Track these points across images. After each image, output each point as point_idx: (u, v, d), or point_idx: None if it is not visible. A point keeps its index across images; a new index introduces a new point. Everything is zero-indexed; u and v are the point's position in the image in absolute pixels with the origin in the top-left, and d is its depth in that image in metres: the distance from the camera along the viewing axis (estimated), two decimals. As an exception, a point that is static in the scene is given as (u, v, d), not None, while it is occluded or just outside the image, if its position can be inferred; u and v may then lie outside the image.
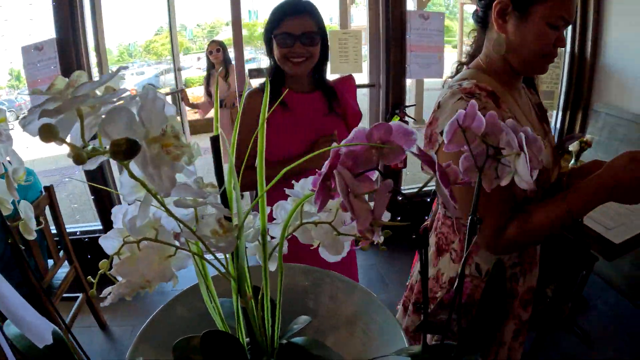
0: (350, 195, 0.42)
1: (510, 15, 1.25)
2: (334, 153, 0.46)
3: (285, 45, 1.76)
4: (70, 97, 0.37)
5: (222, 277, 0.62)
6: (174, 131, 0.42)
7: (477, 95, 1.20)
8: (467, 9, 19.06)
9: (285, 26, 1.76)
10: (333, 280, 0.86)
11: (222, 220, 0.52)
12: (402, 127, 0.47)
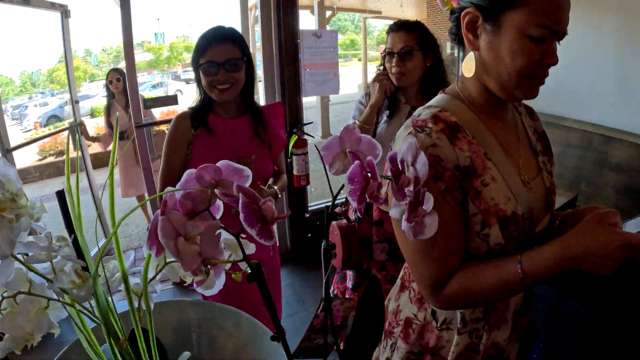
0: (178, 240, 0.45)
1: (482, 28, 1.03)
2: (162, 201, 0.49)
3: (209, 73, 1.79)
4: None
5: (93, 321, 0.63)
6: (9, 196, 0.43)
7: (427, 130, 1.01)
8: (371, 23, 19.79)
9: (209, 54, 1.79)
10: (218, 311, 0.88)
11: (78, 270, 0.54)
12: (232, 166, 0.51)
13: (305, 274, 3.72)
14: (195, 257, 0.45)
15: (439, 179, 0.98)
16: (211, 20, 79.16)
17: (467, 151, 1.02)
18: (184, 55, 34.65)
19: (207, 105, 1.92)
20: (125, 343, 0.63)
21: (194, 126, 1.88)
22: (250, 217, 0.47)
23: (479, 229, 1.04)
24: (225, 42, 1.81)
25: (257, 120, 1.99)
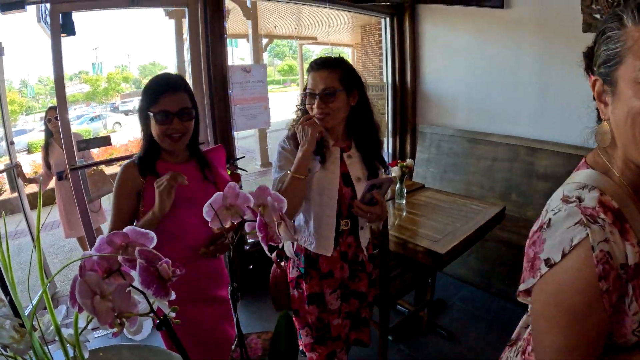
0: (95, 298, 0.52)
1: (607, 94, 0.90)
2: (80, 265, 0.56)
3: (164, 122, 1.76)
4: None
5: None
6: None
7: (600, 222, 0.85)
8: (309, 47, 20.16)
9: (162, 103, 1.76)
10: (155, 355, 0.92)
11: (16, 327, 0.60)
12: (137, 230, 0.60)
13: (248, 306, 3.71)
14: (110, 313, 0.52)
15: (604, 279, 0.84)
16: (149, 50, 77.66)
17: (635, 245, 0.87)
18: (122, 86, 33.90)
19: (154, 152, 1.88)
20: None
21: (142, 174, 1.82)
22: (146, 279, 0.55)
23: (636, 327, 0.90)
24: (177, 90, 1.79)
25: (203, 164, 1.98)
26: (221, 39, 3.48)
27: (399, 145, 4.95)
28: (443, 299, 3.71)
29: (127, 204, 1.82)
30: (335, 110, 1.93)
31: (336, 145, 2.02)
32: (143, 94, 1.83)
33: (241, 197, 0.77)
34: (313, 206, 1.99)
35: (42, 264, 0.65)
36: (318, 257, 2.03)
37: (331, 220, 1.98)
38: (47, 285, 0.69)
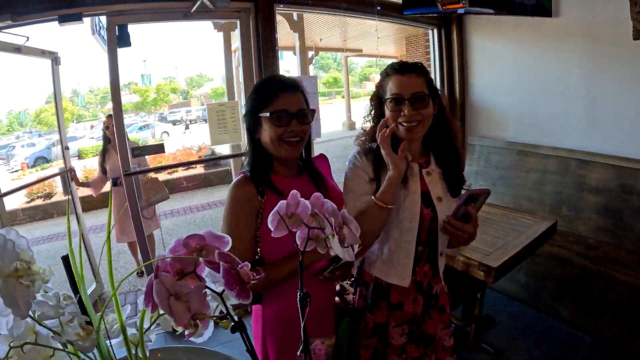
0: (170, 299, 0.53)
1: None
2: (155, 266, 0.57)
3: (281, 124, 1.53)
4: None
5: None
6: (24, 265, 0.52)
7: None
8: (353, 60, 20.26)
9: (279, 103, 1.54)
10: (208, 356, 0.94)
11: (82, 324, 0.61)
12: (213, 233, 0.60)
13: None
14: (186, 314, 0.53)
15: None
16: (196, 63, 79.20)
17: None
18: (170, 97, 34.93)
19: (266, 164, 1.63)
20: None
21: (259, 192, 1.56)
22: (229, 281, 0.55)
23: None
24: (295, 90, 1.59)
25: (316, 177, 1.73)
26: (273, 50, 3.56)
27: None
28: (490, 314, 3.62)
29: (247, 229, 1.55)
30: (426, 117, 1.70)
31: (414, 161, 1.78)
32: (254, 95, 1.62)
33: (302, 205, 0.76)
34: (390, 230, 1.75)
35: (111, 265, 0.67)
36: (390, 287, 1.82)
37: (410, 247, 1.76)
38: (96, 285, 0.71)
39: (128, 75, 30.70)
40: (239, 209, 1.55)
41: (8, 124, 31.22)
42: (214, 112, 3.64)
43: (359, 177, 1.75)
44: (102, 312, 0.64)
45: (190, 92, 44.94)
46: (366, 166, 1.75)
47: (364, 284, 1.89)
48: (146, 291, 0.55)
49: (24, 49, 3.77)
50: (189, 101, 41.00)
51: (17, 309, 0.49)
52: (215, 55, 78.00)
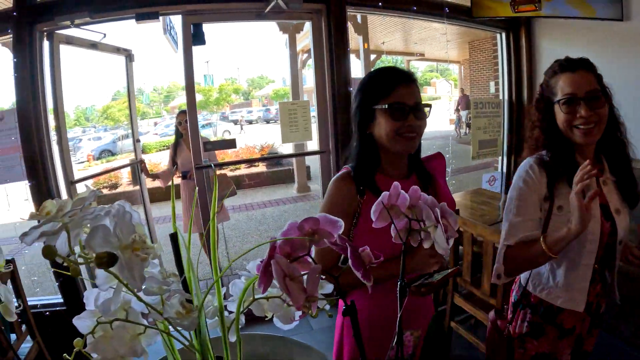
0: (286, 279, 0.52)
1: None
2: (271, 246, 0.56)
3: (398, 118, 1.43)
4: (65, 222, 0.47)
5: (188, 350, 0.70)
6: (141, 238, 0.52)
7: None
8: (414, 64, 20.07)
9: (397, 95, 1.44)
10: (289, 345, 0.93)
11: (184, 302, 0.61)
12: (328, 217, 0.58)
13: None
14: (302, 294, 0.52)
15: None
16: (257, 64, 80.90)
17: None
18: (232, 97, 35.80)
19: (374, 162, 1.53)
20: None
21: (359, 191, 1.48)
22: (356, 263, 0.54)
23: None
24: (412, 83, 1.48)
25: (425, 179, 1.60)
26: (344, 52, 3.58)
27: (514, 165, 4.73)
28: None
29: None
30: (603, 117, 1.53)
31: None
32: (367, 86, 1.53)
33: (401, 197, 0.74)
34: (567, 252, 1.53)
35: (215, 250, 0.66)
36: (561, 311, 1.62)
37: (589, 270, 1.57)
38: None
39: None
40: (336, 206, 1.48)
41: (75, 119, 32.88)
42: (285, 111, 3.69)
43: (531, 197, 1.57)
44: (207, 293, 0.64)
45: (252, 92, 45.88)
46: (540, 181, 1.57)
47: (530, 306, 1.69)
48: (262, 271, 0.54)
49: (99, 46, 3.93)
50: (250, 102, 41.90)
51: (132, 281, 0.49)
52: (277, 57, 79.45)
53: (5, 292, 0.79)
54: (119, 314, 0.67)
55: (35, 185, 3.30)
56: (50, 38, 3.39)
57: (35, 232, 0.47)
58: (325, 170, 3.90)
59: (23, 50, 3.22)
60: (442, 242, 0.71)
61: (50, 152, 3.38)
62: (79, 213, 0.49)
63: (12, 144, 3.27)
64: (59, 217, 0.48)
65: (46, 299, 3.78)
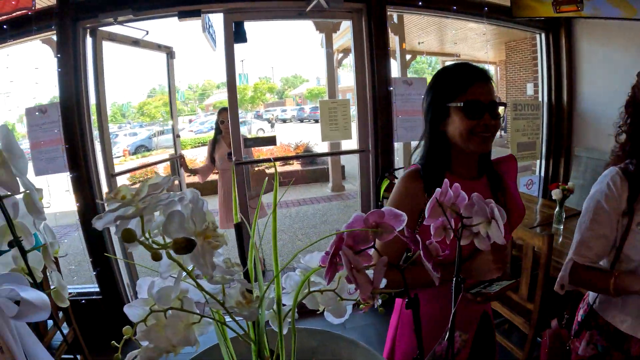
0: (353, 270, 0.52)
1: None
2: (338, 237, 0.56)
3: (474, 116, 1.39)
4: (140, 207, 0.48)
5: (243, 340, 0.70)
6: (213, 225, 0.52)
7: None
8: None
9: (473, 93, 1.40)
10: (335, 340, 0.93)
11: (245, 292, 0.62)
12: (393, 211, 0.58)
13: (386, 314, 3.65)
14: (368, 286, 0.52)
15: None
16: (293, 64, 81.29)
17: None
18: (266, 96, 36.13)
19: (444, 161, 1.49)
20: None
21: (426, 190, 1.44)
22: (426, 254, 0.54)
23: None
24: (488, 80, 1.43)
25: (496, 182, 1.56)
26: (385, 51, 3.59)
27: (552, 169, 4.64)
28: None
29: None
30: None
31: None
32: (442, 83, 1.48)
33: (461, 197, 0.73)
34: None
35: (276, 242, 0.67)
36: (629, 336, 1.53)
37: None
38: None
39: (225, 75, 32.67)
40: (402, 203, 1.45)
41: (111, 115, 33.75)
42: (326, 109, 3.71)
43: (607, 214, 1.50)
44: (269, 284, 0.65)
45: (286, 92, 46.20)
46: (620, 197, 1.49)
47: (597, 328, 1.61)
48: (329, 261, 0.55)
49: (142, 42, 4.01)
50: (284, 101, 42.14)
51: (205, 268, 0.50)
52: (311, 57, 79.73)
53: (59, 278, 0.82)
54: (174, 302, 0.68)
55: (77, 177, 3.40)
56: (93, 35, 3.47)
57: (110, 216, 0.48)
58: (364, 169, 3.88)
59: (66, 46, 3.32)
60: (498, 236, 0.70)
61: (92, 145, 3.46)
62: (153, 199, 0.49)
63: (54, 136, 3.37)
64: (135, 202, 0.49)
65: (82, 288, 3.88)
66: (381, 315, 3.56)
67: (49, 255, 0.76)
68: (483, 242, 0.72)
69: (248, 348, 0.74)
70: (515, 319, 2.58)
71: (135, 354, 0.69)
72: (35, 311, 0.64)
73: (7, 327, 0.65)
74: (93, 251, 3.58)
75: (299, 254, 0.67)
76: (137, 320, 0.69)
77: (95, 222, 0.50)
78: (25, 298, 0.63)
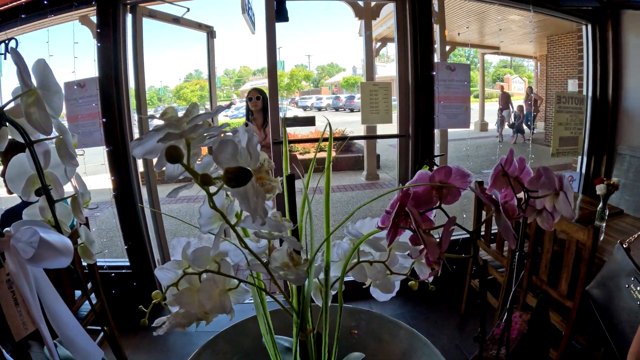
0: (420, 229, 0.47)
1: None
2: (403, 192, 0.51)
3: None
4: (191, 126, 0.43)
5: (285, 311, 0.66)
6: (269, 165, 0.47)
7: None
8: (488, 59, 19.45)
9: None
10: (374, 320, 0.89)
11: (293, 253, 0.57)
12: (460, 170, 0.53)
13: (416, 304, 3.59)
14: (436, 248, 0.47)
15: None
16: (329, 52, 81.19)
17: None
18: (302, 84, 36.27)
19: None
20: (311, 333, 0.66)
21: None
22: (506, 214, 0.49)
23: None
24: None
25: None
26: (429, 38, 3.50)
27: (593, 166, 4.47)
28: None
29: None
30: None
31: None
32: None
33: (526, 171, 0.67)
34: None
35: (329, 212, 0.62)
36: None
37: None
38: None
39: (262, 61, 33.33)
40: None
41: (148, 99, 34.58)
42: (367, 92, 3.63)
43: None
44: (318, 248, 0.60)
45: (322, 80, 46.21)
46: None
47: None
48: (393, 219, 0.49)
49: (182, 20, 3.99)
50: (319, 89, 42.10)
51: (255, 213, 0.44)
52: (348, 45, 79.46)
53: (87, 232, 0.79)
54: (210, 265, 0.64)
55: (113, 150, 3.41)
56: (133, 11, 3.46)
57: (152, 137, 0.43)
58: (403, 154, 3.80)
59: (106, 22, 3.32)
60: (566, 209, 0.63)
61: (129, 120, 3.47)
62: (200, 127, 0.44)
63: (92, 110, 3.40)
64: (183, 123, 0.44)
65: (113, 261, 3.91)
66: (412, 306, 3.55)
67: (79, 206, 0.72)
68: (546, 220, 0.66)
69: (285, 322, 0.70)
70: (553, 317, 2.48)
71: (165, 320, 0.65)
72: (55, 255, 0.60)
73: (24, 276, 0.62)
74: (125, 225, 3.61)
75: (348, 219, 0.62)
76: (168, 284, 0.66)
77: (135, 147, 0.45)
78: (44, 238, 0.59)
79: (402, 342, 0.84)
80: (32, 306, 0.64)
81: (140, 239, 3.62)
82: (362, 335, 0.88)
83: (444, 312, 3.49)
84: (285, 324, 0.78)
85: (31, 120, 0.60)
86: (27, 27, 3.64)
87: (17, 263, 0.61)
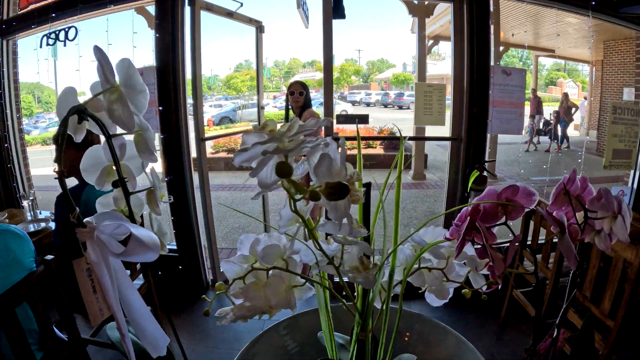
0: (489, 246, 0.51)
1: None
2: (473, 208, 0.55)
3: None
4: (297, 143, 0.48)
5: (348, 311, 0.70)
6: (357, 177, 0.52)
7: None
8: (541, 61, 18.87)
9: None
10: (425, 324, 0.92)
11: (363, 258, 0.61)
12: (527, 189, 0.56)
13: (453, 313, 3.59)
14: (502, 264, 0.51)
15: None
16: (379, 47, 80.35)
17: None
18: (352, 78, 36.16)
19: None
20: (371, 333, 0.70)
21: None
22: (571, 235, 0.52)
23: None
24: None
25: None
26: (486, 37, 3.44)
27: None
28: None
29: None
30: None
31: None
32: None
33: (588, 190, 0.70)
34: None
35: (398, 214, 0.66)
36: None
37: None
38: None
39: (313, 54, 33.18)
40: None
41: (198, 87, 35.68)
42: (421, 92, 3.62)
43: None
44: (389, 255, 0.64)
45: (371, 76, 45.96)
46: None
47: None
48: (463, 234, 0.53)
49: (235, 15, 4.08)
50: (369, 84, 41.82)
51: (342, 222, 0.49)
52: (399, 42, 78.61)
53: (160, 224, 0.82)
54: (278, 262, 0.69)
55: (167, 138, 3.54)
56: (191, 3, 3.55)
57: (256, 149, 0.48)
58: (454, 157, 3.75)
59: (165, 13, 3.45)
60: (622, 233, 0.66)
61: (184, 109, 3.59)
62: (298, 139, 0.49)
63: (150, 98, 3.51)
64: (285, 138, 0.49)
65: (160, 244, 4.04)
66: (451, 313, 3.51)
67: (154, 199, 0.76)
68: (604, 241, 0.68)
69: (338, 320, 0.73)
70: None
71: (228, 310, 0.70)
72: (144, 250, 0.63)
73: (106, 267, 0.64)
74: (175, 210, 3.74)
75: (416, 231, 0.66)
76: (233, 277, 0.71)
77: (237, 156, 0.50)
78: (135, 235, 0.62)
79: (449, 348, 0.87)
80: (111, 294, 0.66)
81: (189, 224, 3.75)
82: (412, 337, 0.91)
83: (482, 319, 3.49)
84: (338, 322, 0.82)
85: (114, 117, 0.63)
86: (84, 16, 3.79)
87: (99, 253, 0.63)
